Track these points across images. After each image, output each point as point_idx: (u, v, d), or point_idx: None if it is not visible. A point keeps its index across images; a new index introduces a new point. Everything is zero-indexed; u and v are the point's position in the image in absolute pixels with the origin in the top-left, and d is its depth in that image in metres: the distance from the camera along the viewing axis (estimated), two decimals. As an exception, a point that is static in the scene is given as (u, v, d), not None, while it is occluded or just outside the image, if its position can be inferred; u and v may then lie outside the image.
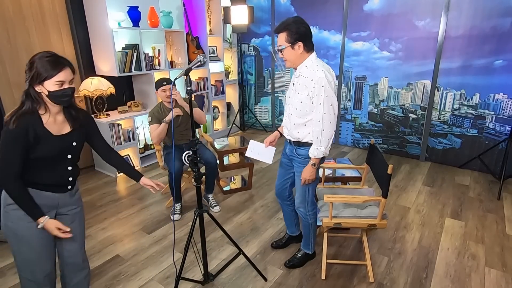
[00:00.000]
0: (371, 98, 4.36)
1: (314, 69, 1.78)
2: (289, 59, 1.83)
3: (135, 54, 3.71)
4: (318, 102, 1.77)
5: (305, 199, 2.05)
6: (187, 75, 1.78)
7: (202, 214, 1.93)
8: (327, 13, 4.37)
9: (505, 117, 3.51)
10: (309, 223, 2.13)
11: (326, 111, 1.77)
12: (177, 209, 2.91)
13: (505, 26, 3.31)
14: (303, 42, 1.78)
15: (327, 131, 1.80)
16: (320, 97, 1.75)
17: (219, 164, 3.19)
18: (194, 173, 1.83)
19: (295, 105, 1.89)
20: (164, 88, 2.74)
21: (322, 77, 1.74)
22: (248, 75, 5.46)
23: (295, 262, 2.26)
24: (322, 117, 1.77)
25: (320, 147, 1.82)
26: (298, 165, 1.99)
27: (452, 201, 3.14)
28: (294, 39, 1.76)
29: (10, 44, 3.17)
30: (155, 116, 2.80)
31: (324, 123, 1.78)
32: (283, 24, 1.77)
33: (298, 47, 1.78)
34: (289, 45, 1.78)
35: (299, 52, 1.80)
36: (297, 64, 1.85)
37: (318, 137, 1.81)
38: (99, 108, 3.75)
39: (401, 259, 2.34)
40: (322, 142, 1.81)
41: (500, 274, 2.17)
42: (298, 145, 1.95)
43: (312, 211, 2.10)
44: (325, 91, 1.74)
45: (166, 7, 4.09)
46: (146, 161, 4.13)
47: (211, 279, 2.09)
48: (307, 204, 2.06)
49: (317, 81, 1.75)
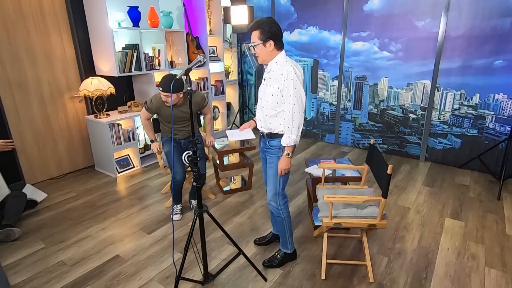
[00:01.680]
0: (371, 98, 4.36)
1: (284, 64, 1.92)
2: (260, 55, 1.97)
3: (135, 54, 3.71)
4: (288, 94, 1.90)
5: (276, 192, 2.11)
6: (187, 75, 1.79)
7: (202, 214, 1.93)
8: (327, 13, 4.37)
9: (505, 117, 3.51)
10: (282, 218, 2.16)
11: (295, 102, 1.90)
12: (178, 209, 2.91)
13: (505, 26, 3.31)
14: (274, 41, 1.91)
15: (297, 120, 1.92)
16: (290, 90, 1.89)
17: (219, 164, 3.20)
18: (194, 173, 1.83)
19: (266, 98, 2.02)
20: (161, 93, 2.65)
21: (291, 71, 1.88)
22: (248, 75, 5.46)
23: (274, 262, 2.27)
24: (292, 108, 1.90)
25: (291, 135, 1.94)
26: (271, 156, 2.10)
27: (452, 201, 3.14)
28: (266, 37, 1.89)
29: (10, 44, 3.17)
30: (153, 106, 2.76)
31: (294, 113, 1.91)
32: (257, 22, 1.90)
33: (269, 45, 1.91)
34: (261, 42, 1.91)
35: (270, 50, 1.93)
36: (268, 61, 1.99)
37: (289, 126, 1.93)
38: (99, 108, 3.75)
39: (401, 259, 2.34)
40: (293, 131, 1.94)
41: (500, 274, 2.18)
42: (271, 137, 2.07)
43: (284, 205, 2.15)
44: (294, 84, 1.88)
45: (166, 7, 4.09)
46: (146, 161, 4.13)
47: (211, 279, 2.09)
48: (278, 197, 2.12)
49: (286, 75, 1.88)
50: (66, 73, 3.64)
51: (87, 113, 3.88)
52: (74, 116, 3.80)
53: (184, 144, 2.97)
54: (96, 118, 3.65)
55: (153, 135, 2.92)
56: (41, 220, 2.88)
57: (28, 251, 2.45)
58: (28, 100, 3.39)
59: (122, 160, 3.89)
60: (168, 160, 2.92)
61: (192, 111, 1.79)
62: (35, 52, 3.35)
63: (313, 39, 4.59)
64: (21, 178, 3.43)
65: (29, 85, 3.37)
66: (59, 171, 3.75)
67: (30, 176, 3.51)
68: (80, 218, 2.92)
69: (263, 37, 1.90)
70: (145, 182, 3.62)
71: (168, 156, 2.89)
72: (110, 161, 3.73)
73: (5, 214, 2.67)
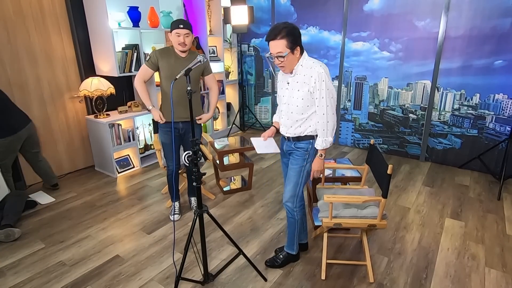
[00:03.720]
0: (371, 98, 4.36)
1: (312, 66, 1.86)
2: (288, 64, 1.87)
3: (135, 54, 3.71)
4: (320, 96, 1.84)
5: (295, 193, 2.06)
6: (187, 75, 1.78)
7: (202, 214, 1.93)
8: (327, 13, 4.37)
9: (505, 117, 3.51)
10: (296, 220, 2.12)
11: (329, 104, 1.86)
12: (176, 208, 2.89)
13: (505, 27, 3.31)
14: (300, 46, 1.85)
15: (332, 121, 1.89)
16: (322, 91, 1.83)
17: (219, 164, 3.19)
18: (194, 173, 1.83)
19: (295, 103, 1.93)
20: (179, 32, 2.37)
21: (322, 72, 1.82)
22: (248, 75, 5.46)
23: (276, 262, 2.25)
24: (326, 110, 1.86)
25: (328, 138, 1.91)
26: (296, 158, 2.02)
27: (452, 201, 3.14)
28: (294, 45, 1.80)
29: (10, 44, 3.17)
30: (156, 55, 2.49)
31: (328, 115, 1.87)
32: (282, 32, 1.77)
33: (297, 51, 1.84)
34: (289, 51, 1.81)
35: (297, 56, 1.86)
36: (294, 67, 1.90)
37: (324, 129, 1.89)
38: (99, 108, 3.75)
39: (401, 259, 2.33)
40: (328, 133, 1.90)
41: (500, 275, 2.17)
42: (298, 140, 2.00)
43: (300, 207, 2.11)
44: (326, 85, 1.83)
45: (166, 7, 4.09)
46: (146, 161, 4.13)
47: (211, 279, 2.09)
48: (296, 198, 2.07)
49: (317, 76, 1.82)
50: (66, 73, 3.64)
51: (87, 113, 3.88)
52: (74, 116, 3.80)
53: (182, 129, 2.68)
54: (96, 118, 3.65)
55: (149, 101, 2.64)
56: (41, 220, 2.88)
57: (28, 251, 2.45)
58: (28, 100, 3.39)
59: (122, 160, 3.89)
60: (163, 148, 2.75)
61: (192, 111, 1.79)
62: (35, 52, 3.35)
63: (313, 39, 4.59)
64: (21, 178, 3.43)
65: (29, 85, 3.36)
66: (59, 171, 3.75)
67: (30, 177, 3.51)
68: (80, 218, 2.91)
69: (291, 45, 1.80)
70: (145, 182, 3.62)
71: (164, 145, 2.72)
72: (110, 161, 3.73)
73: (5, 214, 2.67)
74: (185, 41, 2.41)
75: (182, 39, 2.40)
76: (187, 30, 2.39)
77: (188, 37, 2.43)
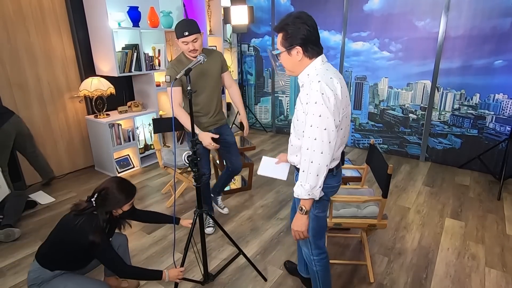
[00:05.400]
0: (371, 98, 4.36)
1: (312, 79, 1.37)
2: (286, 66, 1.47)
3: (135, 54, 3.71)
4: (308, 124, 1.33)
5: (306, 240, 1.63)
6: (187, 75, 1.78)
7: (202, 214, 1.93)
8: (327, 13, 4.36)
9: (505, 117, 3.51)
10: (314, 270, 1.72)
11: (317, 136, 1.32)
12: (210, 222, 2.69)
13: (505, 26, 3.31)
14: (303, 47, 1.38)
15: (316, 163, 1.33)
16: (311, 117, 1.32)
17: (219, 164, 3.20)
18: (194, 173, 1.83)
19: (294, 122, 1.51)
20: (185, 40, 2.16)
21: (317, 90, 1.30)
22: (248, 75, 5.46)
23: None
24: (311, 144, 1.33)
25: (305, 184, 1.35)
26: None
27: (452, 201, 3.14)
28: (291, 43, 1.38)
29: (10, 44, 3.17)
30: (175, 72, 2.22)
31: (313, 152, 1.33)
32: (282, 22, 1.40)
33: (297, 52, 1.40)
34: (285, 50, 1.41)
35: (298, 59, 1.41)
36: (297, 72, 1.46)
37: (304, 170, 1.36)
38: (99, 108, 3.75)
39: (401, 259, 2.33)
40: (308, 178, 1.35)
41: (500, 274, 2.17)
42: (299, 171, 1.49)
43: (318, 256, 1.66)
44: (318, 110, 1.30)
45: (166, 7, 4.09)
46: (146, 161, 4.12)
47: (211, 279, 2.09)
48: (310, 246, 1.65)
49: (310, 95, 1.33)
50: (66, 73, 3.64)
51: (87, 113, 3.88)
52: (74, 116, 3.80)
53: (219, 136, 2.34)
54: (96, 118, 3.65)
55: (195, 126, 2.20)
56: (41, 220, 2.88)
57: (28, 251, 2.45)
58: (28, 100, 3.39)
59: (122, 160, 3.89)
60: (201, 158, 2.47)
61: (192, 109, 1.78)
62: (35, 52, 3.35)
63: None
64: (21, 178, 3.43)
65: (29, 85, 3.36)
66: (59, 171, 3.75)
67: (30, 177, 3.51)
68: (80, 218, 2.91)
69: (286, 43, 1.39)
70: (145, 182, 3.61)
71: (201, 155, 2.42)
72: (110, 161, 3.73)
73: (5, 214, 2.67)
74: (195, 47, 2.18)
75: (191, 46, 2.17)
76: (194, 35, 2.14)
77: (197, 41, 2.18)
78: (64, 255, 1.66)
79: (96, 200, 1.64)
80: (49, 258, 1.67)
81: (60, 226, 1.69)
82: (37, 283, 1.66)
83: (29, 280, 1.68)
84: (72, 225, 1.60)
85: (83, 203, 1.66)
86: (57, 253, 1.66)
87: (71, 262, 1.69)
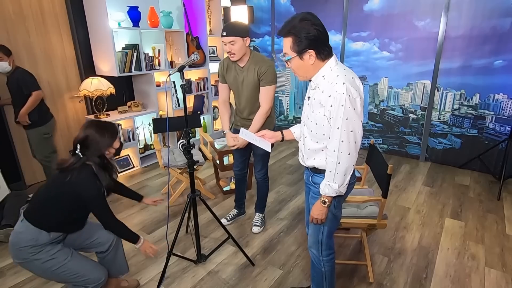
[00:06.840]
0: (371, 98, 4.36)
1: (333, 81, 1.34)
2: (298, 72, 1.43)
3: (135, 54, 3.71)
4: (335, 126, 1.34)
5: (318, 240, 1.63)
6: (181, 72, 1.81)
7: (195, 198, 2.07)
8: (327, 13, 4.37)
9: (505, 117, 3.51)
10: (322, 271, 1.68)
11: (344, 139, 1.34)
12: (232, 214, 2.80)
13: (505, 26, 3.31)
14: (315, 50, 1.35)
15: (344, 164, 1.37)
16: (338, 120, 1.32)
17: (219, 164, 3.19)
18: (188, 160, 1.94)
19: (310, 126, 1.47)
20: (223, 40, 2.09)
21: (343, 93, 1.29)
22: (248, 75, 5.46)
23: None
24: (339, 146, 1.35)
25: (333, 184, 1.41)
26: (313, 196, 1.58)
27: (452, 201, 3.14)
28: (303, 47, 1.34)
29: (10, 44, 3.17)
30: (221, 69, 2.36)
31: (340, 154, 1.36)
32: (288, 25, 1.35)
33: (309, 56, 1.36)
34: (296, 55, 1.36)
35: (311, 63, 1.37)
36: (310, 76, 1.43)
37: (331, 171, 1.40)
38: (99, 108, 3.75)
39: (401, 259, 2.34)
40: (336, 177, 1.39)
41: (500, 274, 2.17)
42: (315, 172, 1.54)
43: (327, 256, 1.66)
44: (345, 113, 1.31)
45: (166, 7, 4.09)
46: (146, 161, 4.13)
47: (203, 259, 2.26)
48: (320, 246, 1.64)
49: (335, 98, 1.31)
50: (66, 73, 3.64)
51: (87, 113, 3.88)
52: (74, 116, 3.80)
53: None
54: (96, 118, 3.65)
55: (227, 125, 2.45)
56: (41, 220, 2.88)
57: (28, 251, 2.45)
58: (28, 100, 3.38)
59: (122, 160, 3.89)
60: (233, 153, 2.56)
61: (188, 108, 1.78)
62: (35, 52, 3.35)
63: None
64: (21, 178, 3.43)
65: (29, 85, 3.36)
66: (59, 171, 3.75)
67: (30, 177, 3.51)
68: (80, 218, 2.91)
69: (298, 47, 1.34)
70: (145, 182, 3.61)
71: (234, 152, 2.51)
72: (110, 161, 3.73)
73: (5, 214, 2.67)
74: (232, 50, 2.08)
75: (228, 48, 2.08)
76: (231, 38, 2.03)
77: (235, 45, 2.06)
78: (58, 212, 1.60)
79: (81, 151, 1.57)
80: (42, 216, 1.59)
81: (52, 183, 1.63)
82: (35, 245, 1.55)
83: (22, 241, 1.54)
84: (65, 180, 1.54)
85: (69, 159, 1.59)
86: (51, 210, 1.59)
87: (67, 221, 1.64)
